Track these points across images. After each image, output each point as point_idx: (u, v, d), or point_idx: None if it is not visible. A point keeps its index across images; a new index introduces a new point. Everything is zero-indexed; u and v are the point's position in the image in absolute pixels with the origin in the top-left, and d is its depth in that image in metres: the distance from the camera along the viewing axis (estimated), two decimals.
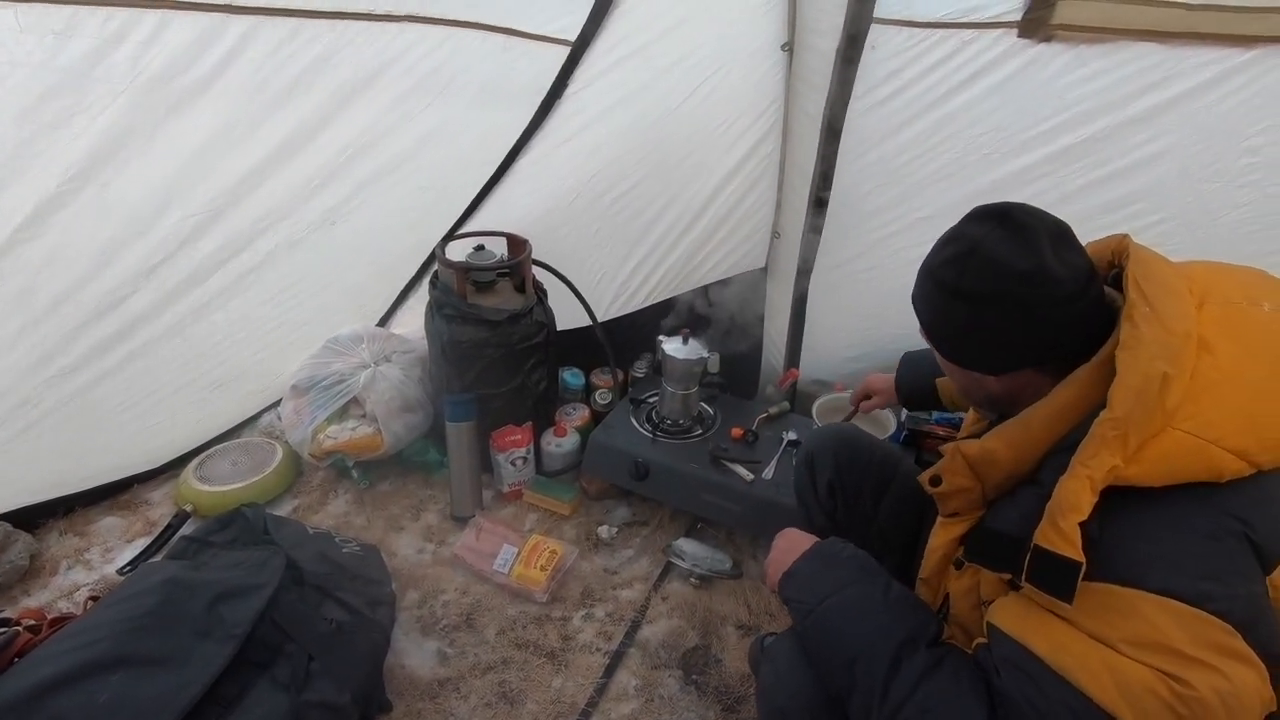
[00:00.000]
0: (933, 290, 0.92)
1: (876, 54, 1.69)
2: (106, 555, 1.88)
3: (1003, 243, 0.85)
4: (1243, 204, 1.65)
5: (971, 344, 0.91)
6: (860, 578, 1.00)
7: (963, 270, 0.87)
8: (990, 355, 0.91)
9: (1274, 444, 0.76)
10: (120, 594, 1.51)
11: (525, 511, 2.10)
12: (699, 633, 1.72)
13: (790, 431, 2.04)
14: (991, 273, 0.85)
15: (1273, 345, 0.79)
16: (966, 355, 0.94)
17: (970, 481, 0.93)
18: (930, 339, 0.98)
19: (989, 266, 0.85)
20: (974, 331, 0.89)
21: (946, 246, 0.91)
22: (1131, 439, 0.74)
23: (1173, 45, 1.51)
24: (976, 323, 0.88)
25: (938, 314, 0.93)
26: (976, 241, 0.87)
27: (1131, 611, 0.72)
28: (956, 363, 0.96)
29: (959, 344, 0.94)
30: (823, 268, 2.14)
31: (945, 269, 0.89)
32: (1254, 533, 0.74)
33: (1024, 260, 0.84)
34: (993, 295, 0.85)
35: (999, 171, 1.76)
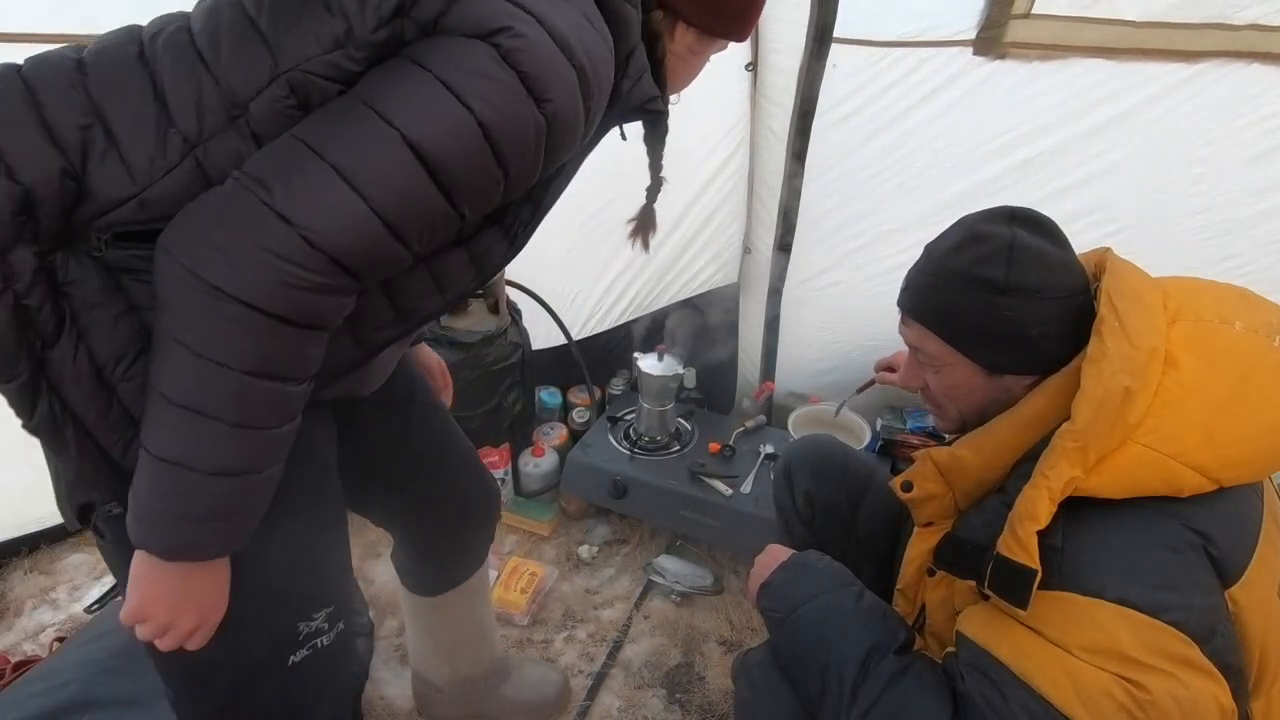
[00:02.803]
0: (971, 294, 0.87)
1: (838, 72, 1.74)
2: (74, 594, 1.83)
3: (1035, 238, 0.86)
4: (1195, 212, 1.70)
5: (1022, 341, 0.87)
6: (833, 586, 1.01)
7: (1008, 264, 0.85)
8: (1036, 351, 0.87)
9: (1233, 461, 0.77)
10: (87, 634, 1.47)
11: (504, 533, 2.08)
12: (681, 650, 1.72)
13: (767, 445, 2.06)
14: (1036, 263, 0.85)
15: (1238, 364, 0.79)
16: (1014, 356, 0.89)
17: (941, 488, 0.94)
18: (966, 349, 0.91)
19: (1034, 257, 0.85)
20: (1023, 327, 0.86)
21: (973, 248, 0.88)
22: (1091, 451, 0.76)
23: (1121, 61, 1.56)
24: (1029, 316, 0.85)
25: (981, 318, 0.88)
26: (1011, 238, 0.85)
27: (1089, 619, 0.73)
28: (995, 369, 0.90)
29: (1007, 345, 0.88)
30: (793, 281, 2.17)
31: (985, 266, 0.86)
32: (1213, 547, 0.75)
33: (1057, 250, 0.86)
34: (1043, 285, 0.85)
35: (961, 184, 1.80)
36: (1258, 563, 0.77)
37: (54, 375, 0.64)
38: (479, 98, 0.63)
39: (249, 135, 0.65)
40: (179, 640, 0.71)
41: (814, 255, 2.10)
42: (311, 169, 0.61)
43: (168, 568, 0.67)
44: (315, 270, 0.61)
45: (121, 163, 0.63)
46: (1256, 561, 0.77)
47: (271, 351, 0.63)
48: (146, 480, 0.65)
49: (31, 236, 0.61)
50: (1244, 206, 1.67)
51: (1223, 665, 0.72)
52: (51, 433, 0.65)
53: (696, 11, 0.85)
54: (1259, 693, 0.78)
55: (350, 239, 0.62)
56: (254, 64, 0.64)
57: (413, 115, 0.62)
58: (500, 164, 0.66)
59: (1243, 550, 0.77)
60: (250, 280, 0.59)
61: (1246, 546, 0.78)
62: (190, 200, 0.63)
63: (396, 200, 0.63)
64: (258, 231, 0.60)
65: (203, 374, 0.61)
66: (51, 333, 0.62)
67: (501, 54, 0.63)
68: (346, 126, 0.63)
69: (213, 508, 0.66)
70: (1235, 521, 0.79)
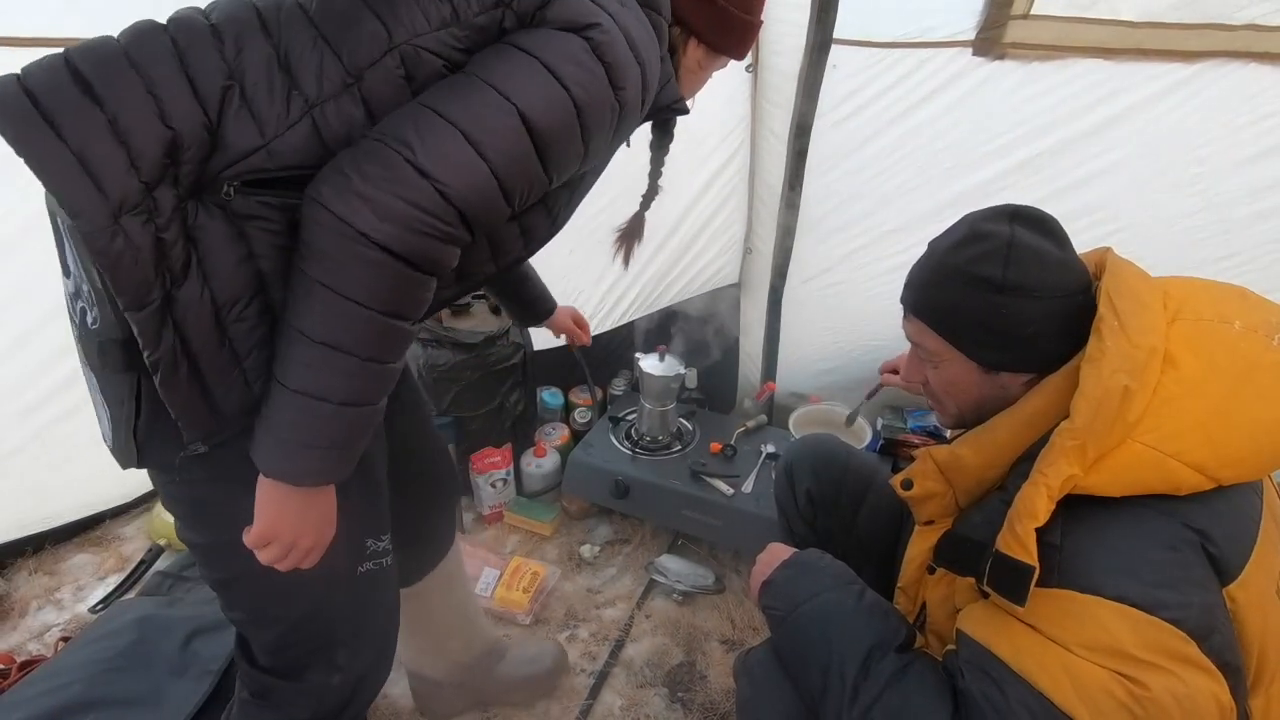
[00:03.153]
0: (969, 292, 0.88)
1: (838, 73, 1.74)
2: (78, 594, 1.84)
3: (1035, 237, 0.86)
4: (1194, 211, 1.70)
5: (1013, 340, 0.88)
6: (834, 585, 1.01)
7: (1006, 263, 0.85)
8: (1031, 350, 0.88)
9: (1231, 460, 0.77)
10: (91, 634, 1.48)
11: (506, 533, 2.09)
12: (683, 649, 1.72)
13: (768, 444, 2.06)
14: (1034, 262, 0.85)
15: (1236, 363, 0.79)
16: (1010, 353, 0.90)
17: (941, 486, 0.95)
18: (964, 346, 0.92)
19: (1033, 257, 0.85)
20: (1019, 326, 0.87)
21: (973, 245, 0.88)
22: (1090, 449, 0.76)
23: (1119, 61, 1.57)
24: (1024, 314, 0.86)
25: (979, 315, 0.88)
26: (1010, 237, 0.86)
27: (1088, 617, 0.73)
28: (992, 366, 0.91)
29: (1003, 343, 0.89)
30: (795, 281, 2.18)
31: (984, 265, 0.86)
32: (1211, 545, 0.75)
33: (1057, 250, 0.86)
34: (1040, 284, 0.85)
35: (961, 185, 1.81)
36: (1256, 561, 0.78)
37: (179, 313, 0.70)
38: (574, 81, 0.75)
39: (360, 100, 0.74)
40: (298, 560, 0.80)
41: (815, 255, 2.11)
42: (444, 132, 0.71)
43: (293, 493, 0.76)
44: (444, 220, 0.71)
45: (252, 119, 0.71)
46: (1255, 560, 0.77)
47: (400, 293, 0.72)
48: (281, 413, 0.72)
49: (173, 180, 0.68)
50: (1242, 206, 1.67)
51: (1221, 663, 0.72)
52: (169, 367, 0.70)
53: (708, 30, 0.98)
54: (1258, 690, 0.78)
55: (474, 194, 0.72)
56: (370, 38, 0.74)
57: (523, 92, 0.73)
58: (584, 139, 0.79)
59: (1241, 549, 0.78)
60: (391, 227, 0.68)
61: (1245, 545, 0.78)
62: (309, 152, 0.72)
63: (508, 162, 0.73)
64: (401, 184, 0.68)
65: (342, 313, 0.69)
66: (180, 270, 0.69)
67: (592, 46, 0.76)
68: (469, 98, 0.73)
69: (338, 436, 0.75)
70: (1234, 520, 0.79)
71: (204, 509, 0.86)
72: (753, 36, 1.06)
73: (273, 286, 0.74)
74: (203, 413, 0.74)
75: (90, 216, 0.64)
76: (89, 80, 0.67)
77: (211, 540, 0.89)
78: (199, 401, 0.74)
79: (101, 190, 0.64)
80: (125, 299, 0.67)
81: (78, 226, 0.65)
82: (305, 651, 0.96)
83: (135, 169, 0.66)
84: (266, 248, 0.73)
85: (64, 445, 1.80)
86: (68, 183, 0.64)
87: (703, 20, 0.97)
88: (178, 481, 0.82)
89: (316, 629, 0.95)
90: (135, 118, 0.66)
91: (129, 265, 0.65)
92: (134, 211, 0.66)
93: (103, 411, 0.81)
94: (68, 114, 0.65)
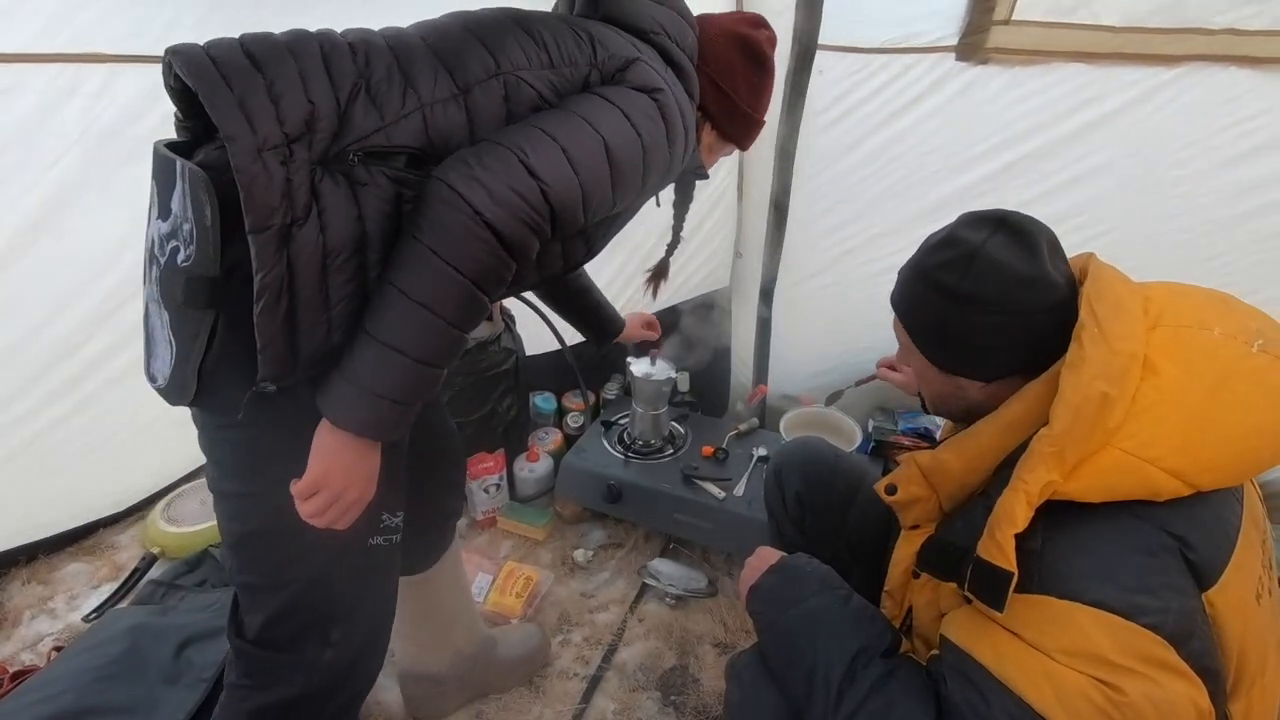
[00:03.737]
0: (928, 294, 0.91)
1: (825, 78, 1.76)
2: (72, 603, 1.83)
3: (1005, 247, 0.86)
4: (1176, 214, 1.72)
5: (964, 349, 0.91)
6: (820, 590, 1.02)
7: (964, 273, 0.87)
8: (981, 360, 0.91)
9: (1209, 466, 0.78)
10: (84, 643, 1.48)
11: (500, 538, 2.10)
12: (676, 653, 1.73)
13: (760, 447, 2.08)
14: (995, 276, 0.85)
15: (1215, 370, 0.80)
16: (957, 360, 0.93)
17: (925, 491, 0.95)
18: (920, 344, 0.96)
19: (993, 270, 0.85)
20: (969, 336, 0.89)
21: (943, 250, 0.90)
22: (1069, 455, 0.76)
23: (1101, 65, 1.58)
24: (973, 327, 0.88)
25: (933, 318, 0.92)
26: (978, 245, 0.87)
27: (1068, 622, 0.74)
28: (944, 368, 0.95)
29: (950, 348, 0.93)
30: (784, 285, 2.19)
31: (945, 272, 0.88)
32: (1190, 550, 0.76)
33: (1026, 265, 0.85)
34: (993, 299, 0.86)
35: (946, 188, 1.83)
36: (1235, 566, 0.78)
37: (295, 250, 0.80)
38: (644, 129, 0.94)
39: (464, 108, 0.89)
40: (339, 514, 0.87)
41: (805, 258, 2.13)
42: (550, 145, 0.87)
43: (352, 444, 0.85)
44: (540, 213, 0.85)
45: (374, 107, 0.85)
46: (1234, 565, 0.78)
47: (490, 269, 0.83)
48: (363, 362, 0.82)
49: (308, 144, 0.81)
50: (1225, 207, 1.69)
51: (1199, 668, 0.72)
52: (273, 297, 0.79)
53: (722, 118, 1.17)
54: (1238, 695, 0.79)
55: (566, 197, 0.87)
56: (479, 63, 0.91)
57: (608, 127, 0.91)
58: (644, 176, 0.97)
59: (1220, 554, 0.78)
60: (500, 211, 0.81)
61: (1224, 550, 0.79)
62: (418, 137, 0.87)
63: (592, 179, 0.90)
64: (513, 177, 0.83)
65: (442, 276, 0.81)
66: (302, 212, 0.80)
67: (658, 106, 0.96)
68: (568, 124, 0.90)
69: (406, 392, 0.84)
70: (1213, 525, 0.79)
71: (256, 455, 0.92)
72: (756, 131, 1.23)
73: (371, 247, 0.84)
74: (284, 350, 0.82)
75: (241, 144, 0.77)
76: (255, 55, 0.82)
77: (252, 488, 0.94)
78: (285, 339, 0.81)
79: (253, 128, 0.78)
80: (252, 217, 0.77)
81: (231, 152, 0.77)
82: (303, 623, 0.99)
83: (280, 121, 0.79)
84: (374, 212, 0.84)
85: (57, 454, 1.80)
86: (229, 117, 0.77)
87: (720, 110, 1.15)
88: (237, 424, 0.86)
89: (319, 597, 0.99)
90: (286, 86, 0.81)
91: (262, 188, 0.77)
92: (273, 150, 0.79)
93: (164, 350, 0.87)
94: (236, 72, 0.80)
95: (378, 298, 0.83)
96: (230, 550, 0.98)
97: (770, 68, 1.18)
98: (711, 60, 1.12)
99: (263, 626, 0.98)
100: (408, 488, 1.19)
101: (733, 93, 1.14)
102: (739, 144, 1.24)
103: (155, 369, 0.90)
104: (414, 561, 1.36)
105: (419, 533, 1.33)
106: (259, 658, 1.00)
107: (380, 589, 1.08)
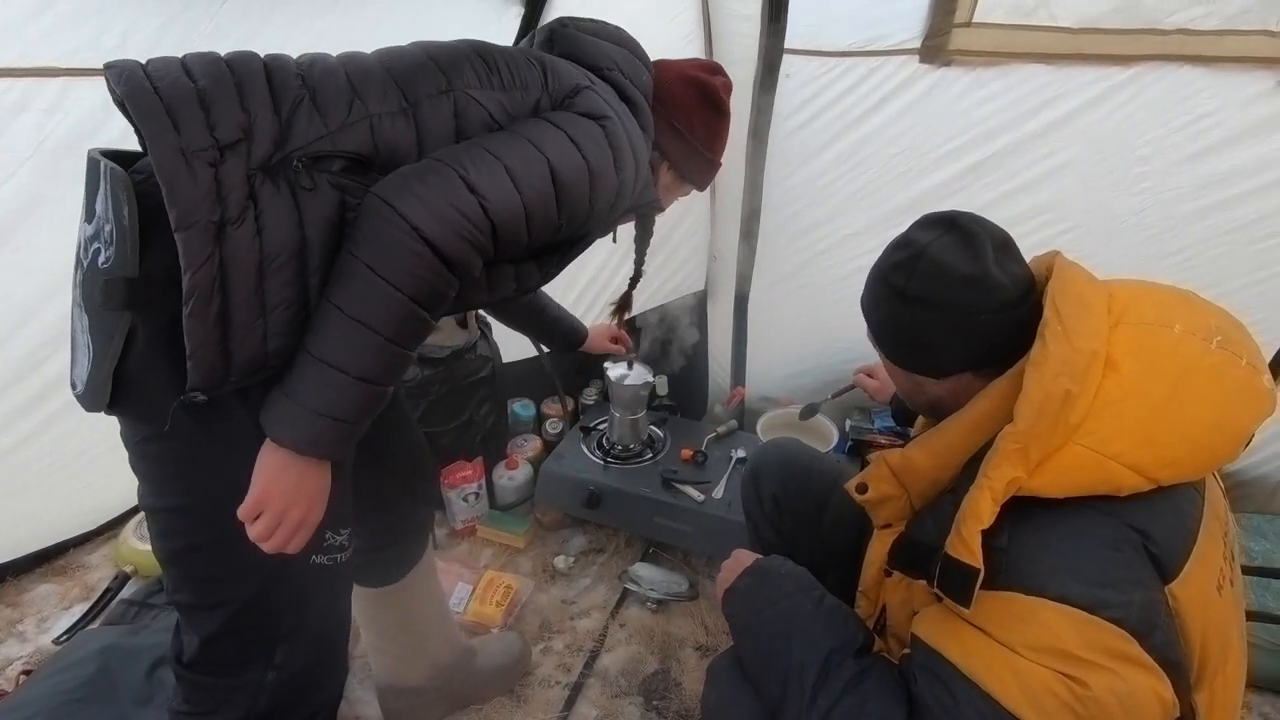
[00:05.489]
0: (882, 293, 0.94)
1: (791, 81, 1.77)
2: (42, 625, 1.79)
3: (949, 249, 0.88)
4: (1140, 210, 1.76)
5: (915, 347, 0.94)
6: (795, 591, 1.02)
7: (910, 274, 0.89)
8: (931, 358, 0.93)
9: (1169, 461, 0.79)
10: (55, 666, 1.46)
11: (480, 547, 2.08)
12: (658, 658, 1.73)
13: (739, 449, 2.08)
14: (937, 276, 0.88)
15: (1174, 366, 0.81)
16: (910, 358, 0.96)
17: (895, 489, 0.96)
18: (876, 341, 1.00)
19: (935, 270, 0.88)
20: (918, 334, 0.92)
21: (896, 251, 0.93)
22: (1033, 452, 0.77)
23: (1060, 66, 1.61)
24: (920, 325, 0.90)
25: (885, 317, 0.95)
26: (924, 246, 0.89)
27: (1032, 618, 0.75)
28: (900, 365, 0.98)
29: (903, 346, 0.96)
30: (760, 286, 2.20)
31: (894, 273, 0.92)
32: (1152, 544, 0.77)
33: (968, 265, 0.87)
34: (937, 299, 0.88)
35: (915, 189, 1.85)
36: (1196, 558, 0.79)
37: (228, 250, 0.78)
38: (589, 154, 0.95)
39: (412, 121, 0.90)
40: (286, 536, 0.85)
41: (779, 260, 2.14)
42: (492, 163, 0.87)
43: (291, 462, 0.83)
44: (481, 230, 0.85)
45: (319, 115, 0.86)
46: (1195, 557, 0.79)
47: (430, 285, 0.83)
48: (302, 380, 0.82)
49: (246, 151, 0.81)
50: (1185, 203, 1.72)
51: (1163, 659, 0.74)
52: (204, 298, 0.77)
53: (678, 158, 1.21)
54: (1201, 685, 0.80)
55: (507, 215, 0.87)
56: (429, 80, 0.93)
57: (553, 149, 0.92)
58: (590, 200, 0.97)
59: (1182, 547, 0.79)
60: (438, 227, 0.81)
61: (1185, 543, 0.80)
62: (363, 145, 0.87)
63: (535, 197, 0.90)
64: (452, 194, 0.83)
65: (379, 293, 0.81)
66: (235, 213, 0.79)
67: (605, 133, 0.97)
68: (513, 145, 0.91)
69: (348, 410, 0.83)
70: (1174, 519, 0.80)
71: (185, 468, 0.90)
72: (713, 172, 1.27)
73: (312, 253, 0.84)
74: (216, 355, 0.80)
75: (163, 142, 0.77)
76: (191, 69, 0.83)
77: (182, 503, 0.91)
78: (217, 344, 0.79)
79: (177, 130, 0.78)
80: (175, 213, 0.76)
81: (151, 150, 0.76)
82: (243, 644, 0.97)
83: (210, 127, 0.79)
84: (316, 218, 0.84)
85: (22, 474, 1.77)
86: (151, 118, 0.77)
87: (676, 151, 1.19)
88: (164, 436, 0.84)
89: (258, 618, 0.97)
90: (219, 96, 0.81)
91: (185, 185, 0.76)
92: (200, 153, 0.78)
93: (84, 355, 0.86)
94: (167, 82, 0.80)
95: (318, 314, 0.83)
96: (164, 568, 0.96)
97: (725, 112, 1.21)
98: (668, 102, 1.15)
99: (200, 649, 0.96)
100: (374, 501, 1.19)
101: (689, 134, 1.17)
102: (696, 185, 1.28)
103: (75, 374, 0.89)
104: (384, 573, 1.35)
105: (387, 545, 1.34)
106: (198, 682, 0.98)
107: (327, 608, 1.05)
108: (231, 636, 0.96)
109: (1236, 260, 1.75)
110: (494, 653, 1.63)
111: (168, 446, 0.88)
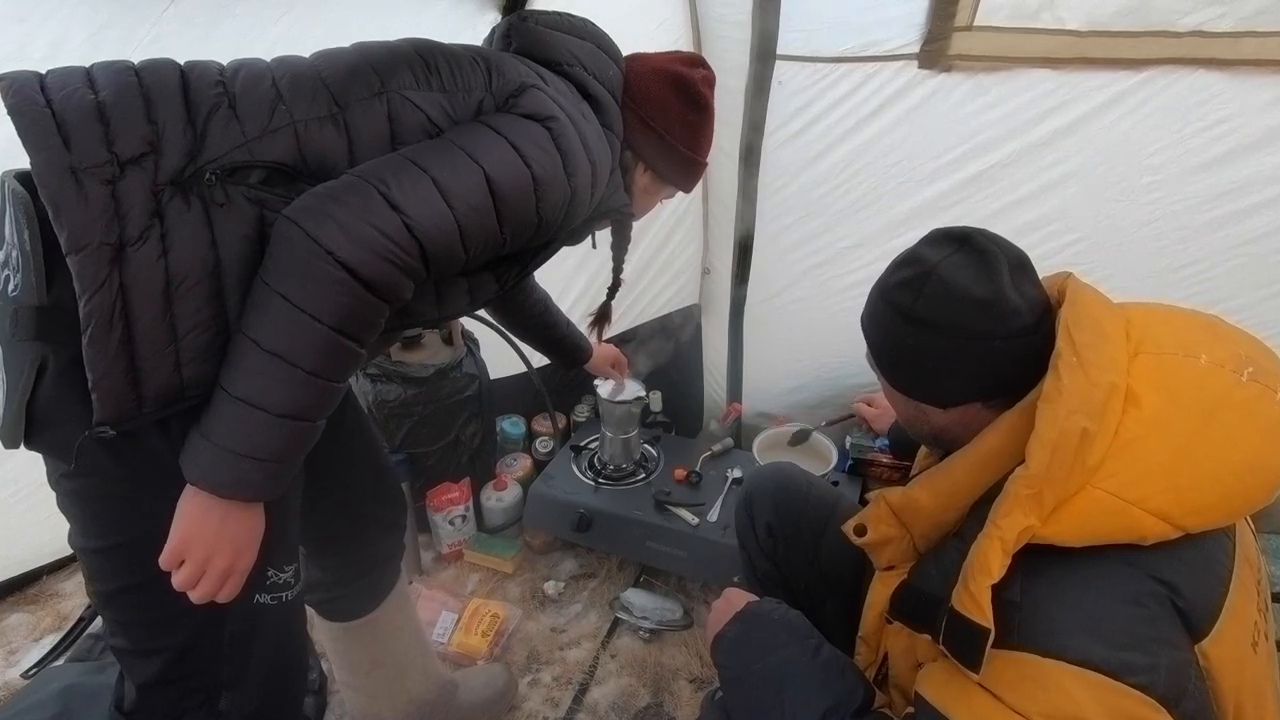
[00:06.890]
0: (885, 312, 0.87)
1: (784, 89, 1.71)
2: (10, 658, 1.73)
3: (962, 268, 0.81)
4: (1149, 221, 1.68)
5: (920, 372, 0.87)
6: (788, 642, 0.96)
7: (918, 294, 0.83)
8: (937, 385, 0.87)
9: (1198, 507, 0.72)
10: (13, 708, 1.39)
11: (466, 572, 2.01)
12: (650, 691, 1.66)
13: (735, 469, 2.01)
14: (948, 298, 0.81)
15: (1202, 400, 0.74)
16: (914, 384, 0.89)
17: (897, 530, 0.90)
18: (877, 364, 0.93)
19: (946, 291, 0.81)
20: (923, 359, 0.85)
21: (902, 268, 0.87)
22: (1047, 497, 0.71)
23: (1066, 71, 1.54)
24: (927, 350, 0.84)
25: (888, 338, 0.88)
26: (934, 265, 0.83)
27: (1048, 682, 0.68)
28: (903, 391, 0.91)
29: (906, 371, 0.89)
30: (755, 301, 2.14)
31: (900, 291, 0.85)
32: (1180, 598, 0.70)
33: (982, 287, 0.80)
34: (947, 322, 0.81)
35: (914, 200, 1.78)
36: (1229, 613, 0.73)
37: (130, 273, 0.72)
38: (535, 160, 0.87)
39: (342, 125, 0.84)
40: (213, 586, 0.79)
41: (774, 273, 2.08)
42: (417, 177, 0.81)
43: (212, 505, 0.77)
44: (407, 251, 0.78)
45: (237, 122, 0.80)
46: (1228, 612, 0.72)
47: (354, 313, 0.77)
48: (219, 419, 0.75)
49: (153, 165, 0.75)
50: (1198, 214, 1.65)
51: None
52: (104, 325, 0.71)
53: (655, 159, 1.13)
54: None
55: (437, 233, 0.80)
56: (362, 81, 0.86)
57: (489, 158, 0.85)
58: (538, 210, 0.89)
59: (1212, 601, 0.73)
60: (357, 250, 0.75)
61: (1216, 596, 0.73)
62: (286, 153, 0.81)
63: (469, 212, 0.83)
64: (372, 213, 0.77)
65: (296, 324, 0.74)
66: (135, 233, 0.73)
67: (551, 135, 0.89)
68: (443, 155, 0.84)
69: (272, 449, 0.77)
70: (1203, 569, 0.74)
71: (104, 507, 0.84)
72: (698, 173, 1.19)
73: (228, 273, 0.77)
74: (123, 386, 0.74)
75: (48, 160, 0.71)
76: (95, 80, 0.77)
77: (105, 544, 0.85)
78: (123, 374, 0.73)
79: (67, 146, 0.72)
80: (65, 236, 0.70)
81: (35, 168, 0.70)
82: (183, 692, 0.91)
83: (108, 141, 0.73)
84: (231, 236, 0.78)
85: None
86: (36, 133, 0.71)
87: (653, 151, 1.11)
88: (75, 473, 0.79)
89: (198, 665, 0.91)
90: (122, 108, 0.75)
91: (72, 205, 0.70)
92: (93, 169, 0.72)
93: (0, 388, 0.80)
94: (63, 95, 0.74)
95: (232, 347, 0.76)
96: (100, 612, 0.91)
97: (707, 107, 1.13)
98: (641, 98, 1.08)
99: (139, 697, 0.91)
100: (337, 531, 1.12)
101: (665, 132, 1.09)
102: (680, 186, 1.20)
103: None
104: (353, 607, 1.30)
105: (354, 578, 1.28)
106: None
107: (276, 649, 0.98)
108: (170, 684, 0.90)
109: (1253, 273, 1.67)
110: (477, 686, 1.56)
111: (85, 484, 0.82)
